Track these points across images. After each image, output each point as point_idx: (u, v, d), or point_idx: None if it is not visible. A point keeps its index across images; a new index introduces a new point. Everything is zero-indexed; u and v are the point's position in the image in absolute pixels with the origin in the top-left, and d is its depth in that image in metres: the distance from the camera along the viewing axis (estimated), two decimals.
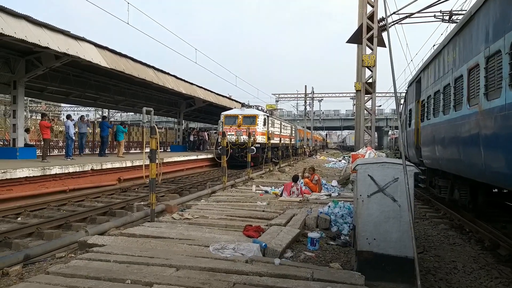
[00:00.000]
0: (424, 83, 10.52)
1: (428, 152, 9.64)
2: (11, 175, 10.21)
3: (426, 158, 9.92)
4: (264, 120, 24.92)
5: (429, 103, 9.44)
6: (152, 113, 7.59)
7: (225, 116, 24.77)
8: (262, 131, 24.39)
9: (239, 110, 25.44)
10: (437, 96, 8.64)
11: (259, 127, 24.21)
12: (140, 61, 17.65)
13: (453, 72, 7.33)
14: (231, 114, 25.05)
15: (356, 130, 17.12)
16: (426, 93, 9.97)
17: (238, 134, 23.53)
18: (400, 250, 4.42)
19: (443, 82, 8.12)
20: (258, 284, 3.90)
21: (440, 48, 8.71)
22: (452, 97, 7.29)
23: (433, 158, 9.01)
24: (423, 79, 10.65)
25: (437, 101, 8.72)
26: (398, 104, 4.69)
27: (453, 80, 7.28)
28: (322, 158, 35.24)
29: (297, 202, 9.24)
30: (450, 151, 7.44)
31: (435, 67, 9.12)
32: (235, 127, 23.93)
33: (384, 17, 15.89)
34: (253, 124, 23.93)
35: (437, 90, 8.59)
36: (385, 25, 15.67)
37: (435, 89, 8.85)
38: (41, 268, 4.89)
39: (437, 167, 9.05)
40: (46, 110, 54.67)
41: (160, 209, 8.34)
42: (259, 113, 25.06)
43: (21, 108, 14.88)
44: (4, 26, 10.30)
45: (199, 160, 23.27)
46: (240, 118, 24.19)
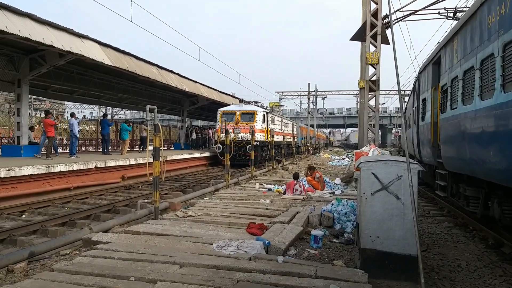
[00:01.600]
0: (446, 63, 8.23)
1: (451, 152, 7.45)
2: (15, 173, 10.27)
3: (448, 159, 7.69)
4: (263, 116, 23.87)
5: (455, 87, 7.16)
6: (155, 111, 7.60)
7: (222, 112, 23.85)
8: (261, 128, 23.32)
9: (237, 107, 24.41)
10: (470, 75, 6.36)
11: (258, 124, 23.16)
12: (143, 59, 17.67)
13: (500, 36, 5.17)
14: (228, 110, 24.04)
15: (359, 128, 17.09)
16: (449, 75, 7.69)
17: (236, 132, 22.43)
18: (403, 248, 4.42)
19: (481, 54, 5.91)
20: (262, 282, 3.90)
21: (475, 7, 6.31)
22: (499, 72, 5.15)
23: (460, 159, 6.78)
24: (445, 58, 8.34)
25: (469, 82, 6.40)
26: (402, 101, 4.69)
27: (501, 48, 5.13)
28: (325, 156, 35.18)
29: (300, 200, 9.24)
30: (493, 151, 5.39)
31: (465, 37, 6.72)
32: (232, 124, 22.78)
33: (388, 14, 15.81)
34: (251, 121, 22.92)
35: (470, 67, 6.30)
36: (389, 22, 15.61)
37: (465, 67, 6.54)
38: (46, 265, 4.92)
39: (466, 172, 6.74)
40: (50, 108, 54.86)
41: (164, 207, 8.37)
42: (258, 109, 24.01)
43: (25, 106, 14.95)
44: (8, 25, 10.34)
45: (202, 158, 23.24)
46: (238, 115, 23.25)
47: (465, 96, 6.58)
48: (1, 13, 10.33)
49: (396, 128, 63.64)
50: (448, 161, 7.76)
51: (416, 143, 11.57)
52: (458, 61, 7.04)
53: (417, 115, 11.34)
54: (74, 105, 61.53)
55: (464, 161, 6.62)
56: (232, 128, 21.99)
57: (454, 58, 7.50)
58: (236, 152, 21.00)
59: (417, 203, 4.33)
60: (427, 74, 10.08)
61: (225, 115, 23.32)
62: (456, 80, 7.11)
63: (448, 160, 7.77)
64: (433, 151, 9.08)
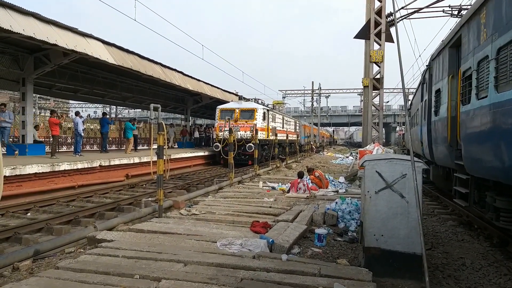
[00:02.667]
0: (469, 43, 6.71)
1: (477, 153, 6.03)
2: (20, 171, 10.32)
3: (472, 161, 6.29)
4: (264, 114, 22.84)
5: (485, 71, 5.74)
6: (159, 109, 7.62)
7: (220, 110, 22.87)
8: (261, 126, 22.27)
9: (236, 104, 23.35)
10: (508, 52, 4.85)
11: (258, 122, 22.04)
12: (147, 57, 17.71)
13: None
14: (227, 108, 23.01)
15: (363, 126, 17.07)
16: (475, 57, 6.24)
17: (235, 130, 21.63)
18: (408, 246, 4.41)
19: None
20: (266, 280, 3.91)
21: None
22: None
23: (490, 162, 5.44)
24: (467, 37, 6.81)
25: (506, 62, 4.92)
26: (406, 99, 4.66)
27: None
28: (329, 155, 35.16)
29: (304, 198, 9.24)
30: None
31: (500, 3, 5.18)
32: (231, 122, 21.79)
33: (392, 12, 15.78)
34: (251, 118, 21.91)
35: (508, 41, 4.80)
36: (393, 20, 15.56)
37: (501, 42, 5.03)
38: (51, 263, 4.94)
39: (500, 178, 5.25)
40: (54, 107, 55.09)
41: (168, 205, 8.38)
42: (258, 106, 22.90)
43: (30, 105, 15.03)
44: (13, 24, 10.38)
45: (205, 156, 23.15)
46: (237, 112, 22.18)
47: (501, 80, 5.13)
48: (5, 12, 10.38)
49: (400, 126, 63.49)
50: (472, 163, 6.27)
51: (427, 141, 9.85)
52: (489, 36, 5.60)
53: (428, 110, 9.85)
54: (79, 103, 61.71)
55: (496, 165, 5.18)
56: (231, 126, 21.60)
57: (481, 34, 6.06)
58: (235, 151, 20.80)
59: (421, 202, 4.31)
60: (441, 61, 8.44)
61: (223, 112, 22.58)
62: (485, 61, 5.75)
63: (472, 162, 6.28)
64: (450, 151, 7.56)
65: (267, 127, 23.26)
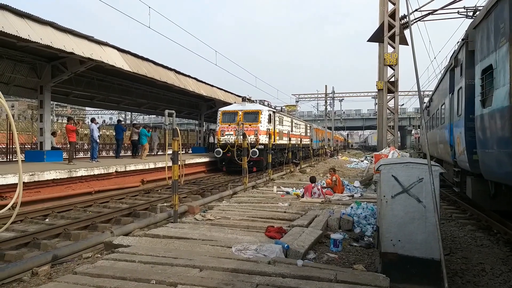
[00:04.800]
0: None
1: None
2: (39, 177, 10.51)
3: None
4: (269, 116, 20.97)
5: None
6: (174, 115, 7.70)
7: (222, 112, 21.21)
8: (266, 129, 20.49)
9: (239, 106, 21.57)
10: None
11: (263, 125, 20.27)
12: (161, 64, 17.91)
13: None
14: (229, 110, 21.35)
15: (378, 129, 16.92)
16: None
17: (238, 134, 19.84)
18: (425, 252, 4.34)
19: None
20: (281, 286, 3.89)
21: None
22: None
23: None
24: None
25: None
26: (421, 102, 4.61)
27: None
28: (343, 159, 34.91)
29: (319, 203, 9.18)
30: None
31: None
32: (234, 125, 20.19)
33: (406, 15, 15.65)
34: (255, 121, 20.14)
35: None
36: (407, 22, 15.43)
37: None
38: (69, 268, 5.01)
39: None
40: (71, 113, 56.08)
41: (183, 210, 8.43)
42: (263, 108, 21.04)
43: (47, 112, 15.32)
44: (31, 33, 10.63)
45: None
46: (240, 115, 20.37)
47: None
48: (23, 22, 10.63)
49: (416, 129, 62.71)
50: None
51: (465, 144, 7.37)
52: None
53: (467, 101, 7.55)
54: (95, 110, 62.73)
55: None
56: (233, 130, 20.07)
57: None
58: (238, 157, 18.64)
59: (439, 206, 4.24)
60: (495, 23, 5.71)
61: (226, 115, 21.02)
62: None
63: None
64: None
65: (274, 130, 21.66)
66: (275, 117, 22.04)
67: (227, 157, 19.54)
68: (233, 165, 19.23)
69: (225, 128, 20.34)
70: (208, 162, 20.98)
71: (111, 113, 65.94)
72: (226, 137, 20.01)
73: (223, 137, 20.30)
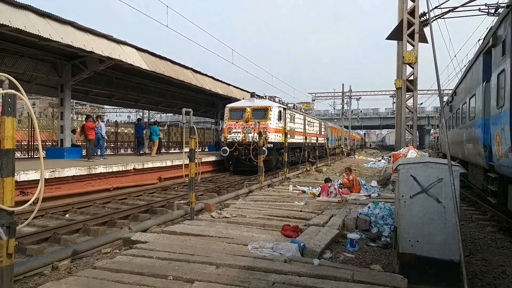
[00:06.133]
0: None
1: None
2: (59, 174, 10.74)
3: None
4: (279, 113, 19.69)
5: None
6: (191, 114, 7.75)
7: (230, 109, 19.97)
8: (276, 127, 19.30)
9: (247, 102, 20.42)
10: None
11: (272, 122, 19.00)
12: (178, 63, 18.05)
13: None
14: (237, 106, 20.12)
15: (396, 129, 16.71)
16: None
17: (246, 132, 18.82)
18: (445, 253, 4.27)
19: None
20: (298, 284, 3.88)
21: None
22: None
23: None
24: None
25: None
26: (442, 100, 4.53)
27: None
28: (360, 158, 34.60)
29: (335, 202, 9.13)
30: None
31: None
32: (242, 122, 19.05)
33: (426, 12, 15.39)
34: (264, 118, 18.87)
35: None
36: (427, 20, 15.17)
37: None
38: (88, 263, 5.11)
39: None
40: (90, 111, 57.04)
41: (199, 208, 8.49)
42: (272, 104, 19.77)
43: (68, 110, 15.63)
44: (52, 32, 10.85)
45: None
46: (248, 112, 19.18)
47: None
48: (45, 22, 10.85)
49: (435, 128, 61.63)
50: None
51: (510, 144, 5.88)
52: None
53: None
54: (113, 108, 63.76)
55: None
56: (241, 127, 18.95)
57: None
58: (246, 156, 18.22)
59: (459, 207, 4.17)
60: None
61: (233, 112, 19.76)
62: None
63: None
64: None
65: (284, 128, 20.34)
66: (285, 114, 20.78)
67: (234, 156, 18.52)
68: (240, 165, 18.64)
69: (232, 126, 19.19)
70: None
71: (129, 111, 66.86)
72: (233, 135, 18.90)
73: (230, 135, 19.10)
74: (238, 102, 21.38)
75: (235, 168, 19.12)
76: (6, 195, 3.74)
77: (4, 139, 3.74)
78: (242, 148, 18.22)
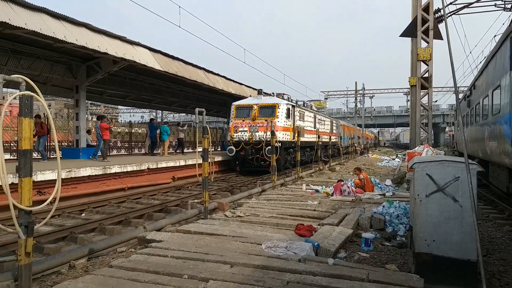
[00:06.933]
0: None
1: None
2: (75, 174, 10.90)
3: None
4: (288, 111, 18.85)
5: None
6: (204, 113, 7.78)
7: (236, 107, 19.25)
8: (284, 125, 18.42)
9: (254, 99, 19.62)
10: None
11: (280, 120, 18.11)
12: (191, 63, 18.14)
13: None
14: (243, 104, 19.38)
15: (411, 127, 16.50)
16: None
17: (252, 130, 18.12)
18: (462, 252, 4.20)
19: None
20: (312, 284, 3.87)
21: None
22: None
23: None
24: None
25: None
26: (458, 98, 4.45)
27: None
28: (374, 157, 34.30)
29: (349, 201, 9.07)
30: None
31: None
32: (248, 120, 18.36)
33: (440, 8, 15.16)
34: (272, 116, 18.06)
35: None
36: (441, 16, 14.95)
37: None
38: (104, 261, 5.18)
39: None
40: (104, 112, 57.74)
41: (213, 207, 8.53)
42: (280, 101, 18.85)
43: (83, 111, 15.85)
44: (67, 34, 11.01)
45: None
46: (255, 109, 18.45)
47: None
48: (60, 24, 11.02)
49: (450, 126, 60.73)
50: None
51: None
52: None
53: None
54: (127, 109, 64.43)
55: None
56: (248, 126, 18.28)
57: None
58: (252, 156, 17.78)
59: (476, 206, 4.10)
60: None
61: (239, 110, 19.08)
62: None
63: None
64: None
65: (293, 126, 19.52)
66: (294, 111, 19.86)
67: (241, 155, 18.01)
68: (247, 165, 18.22)
69: (238, 124, 18.51)
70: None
71: (142, 111, 67.44)
72: (240, 133, 18.28)
73: (236, 134, 18.44)
74: (245, 99, 20.56)
75: (241, 168, 18.65)
76: (24, 195, 3.81)
77: (21, 140, 3.81)
78: (249, 147, 17.75)
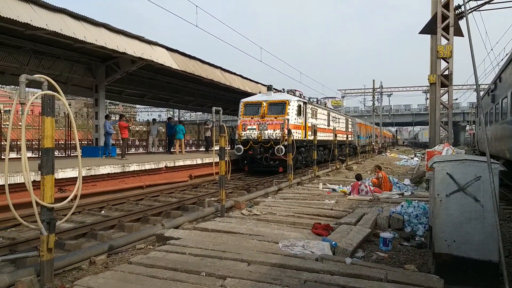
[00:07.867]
0: None
1: None
2: (95, 172, 11.10)
3: None
4: (299, 107, 17.86)
5: None
6: (220, 112, 7.82)
7: (244, 103, 18.25)
8: (295, 123, 17.39)
9: (263, 96, 18.66)
10: None
11: (291, 117, 17.02)
12: (207, 62, 18.25)
13: None
14: (252, 101, 18.36)
15: (430, 125, 16.22)
16: None
17: (261, 128, 17.25)
18: (483, 253, 4.12)
19: None
20: (330, 283, 3.85)
21: None
22: None
23: None
24: None
25: None
26: (479, 96, 4.35)
27: None
28: (392, 156, 33.85)
29: (367, 201, 8.98)
30: None
31: None
32: (257, 118, 17.42)
33: (460, 5, 14.85)
34: (282, 113, 17.10)
35: None
36: (462, 12, 14.64)
37: None
38: (124, 258, 5.25)
39: None
40: (123, 111, 58.57)
41: (229, 205, 8.56)
42: (291, 98, 17.85)
43: (102, 110, 16.13)
44: (87, 34, 11.22)
45: None
46: (264, 106, 17.48)
47: None
48: (80, 24, 11.24)
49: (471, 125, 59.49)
50: None
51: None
52: None
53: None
54: (144, 108, 65.22)
55: None
56: (257, 124, 17.38)
57: None
58: (262, 155, 17.00)
59: (498, 206, 4.02)
60: None
61: (248, 107, 18.08)
62: None
63: None
64: None
65: (305, 124, 18.68)
66: (306, 108, 18.98)
67: (249, 155, 17.21)
68: (256, 164, 17.49)
69: (247, 122, 17.57)
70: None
71: (160, 110, 68.15)
72: (248, 131, 17.42)
73: (244, 132, 17.55)
74: (254, 96, 19.69)
75: (250, 168, 18.04)
76: (46, 192, 3.90)
77: (44, 138, 3.91)
78: (257, 146, 16.97)
